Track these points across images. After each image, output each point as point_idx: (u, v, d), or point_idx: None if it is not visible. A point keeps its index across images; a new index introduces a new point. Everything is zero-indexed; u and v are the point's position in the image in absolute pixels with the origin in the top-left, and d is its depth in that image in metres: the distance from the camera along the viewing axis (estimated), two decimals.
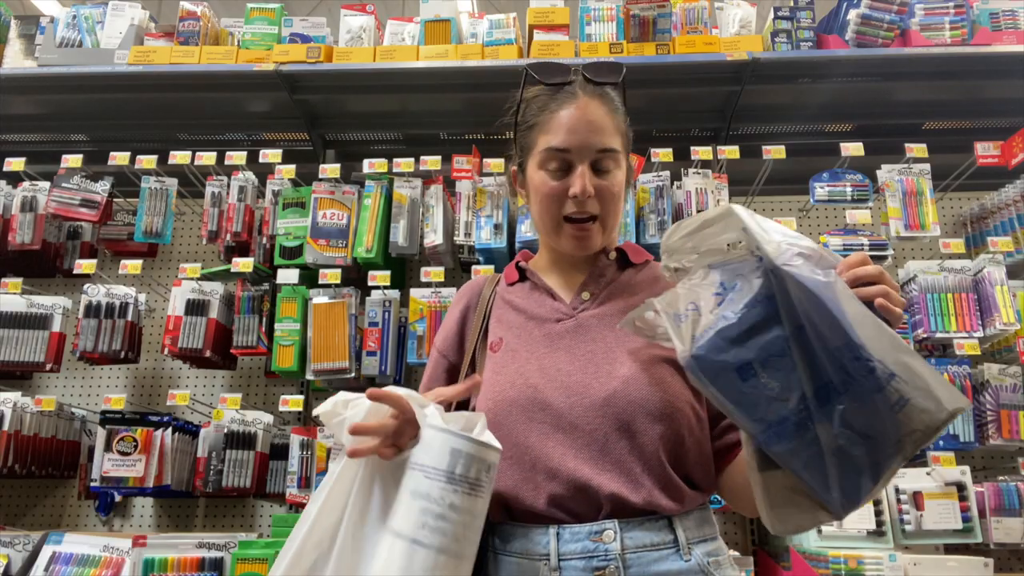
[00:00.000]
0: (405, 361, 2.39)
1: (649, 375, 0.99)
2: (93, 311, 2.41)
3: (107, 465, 2.26)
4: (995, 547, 2.17)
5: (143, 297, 2.50)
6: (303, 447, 2.32)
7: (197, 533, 2.24)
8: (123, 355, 2.41)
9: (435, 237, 2.43)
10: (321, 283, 2.37)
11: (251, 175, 2.58)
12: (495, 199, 2.45)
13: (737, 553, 2.37)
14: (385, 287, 2.37)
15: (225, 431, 2.36)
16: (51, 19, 2.75)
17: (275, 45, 2.64)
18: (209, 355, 2.40)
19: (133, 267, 2.39)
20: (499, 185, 2.47)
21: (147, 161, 2.50)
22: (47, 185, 2.56)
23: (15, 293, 2.43)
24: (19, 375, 2.66)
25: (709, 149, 2.49)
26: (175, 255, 2.85)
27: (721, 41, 2.54)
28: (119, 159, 2.49)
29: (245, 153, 2.50)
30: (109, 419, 2.30)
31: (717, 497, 1.10)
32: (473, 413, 0.87)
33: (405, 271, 2.75)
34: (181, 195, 2.63)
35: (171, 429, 2.33)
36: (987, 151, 2.42)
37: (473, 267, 2.42)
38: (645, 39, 2.57)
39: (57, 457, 2.47)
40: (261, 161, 2.52)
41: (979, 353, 2.24)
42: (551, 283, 1.12)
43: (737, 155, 2.43)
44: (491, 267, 2.38)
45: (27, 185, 2.58)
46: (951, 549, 2.16)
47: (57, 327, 2.44)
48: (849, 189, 2.41)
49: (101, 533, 2.37)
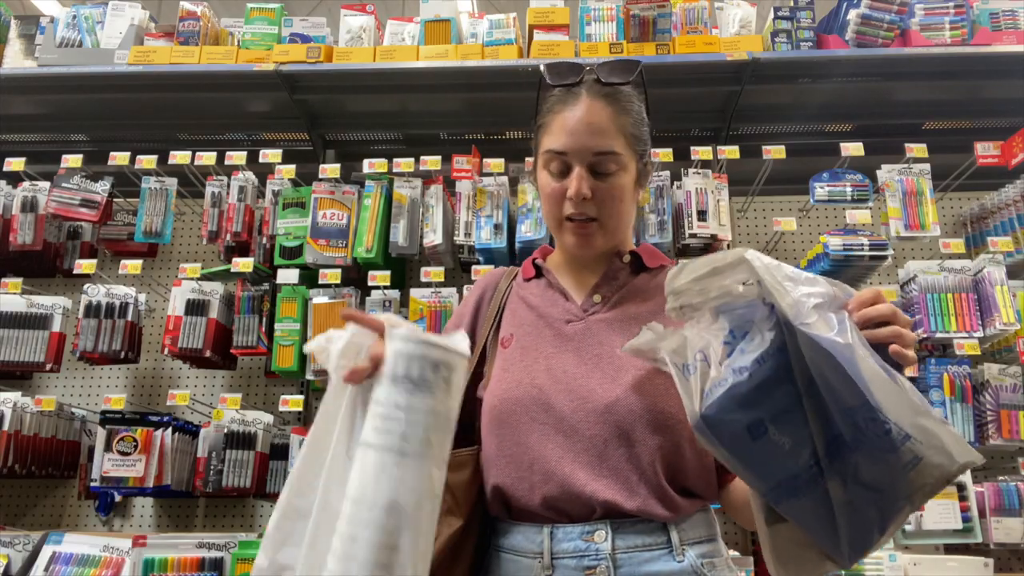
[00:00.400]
0: None
1: (653, 385, 0.98)
2: (93, 311, 2.41)
3: (107, 465, 2.26)
4: (995, 547, 2.17)
5: (143, 297, 2.50)
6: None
7: (197, 533, 2.24)
8: (123, 355, 2.41)
9: (435, 237, 2.43)
10: (321, 283, 2.37)
11: (251, 175, 2.58)
12: (495, 199, 2.45)
13: (737, 553, 2.37)
14: (385, 287, 2.37)
15: (225, 431, 2.36)
16: (51, 19, 2.75)
17: (275, 45, 2.64)
18: (209, 355, 2.40)
19: (133, 267, 2.39)
20: (499, 185, 2.47)
21: (147, 161, 2.50)
22: (47, 185, 2.56)
23: (15, 293, 2.43)
24: (19, 375, 2.66)
25: (709, 149, 2.49)
26: (175, 255, 2.85)
27: (721, 41, 2.54)
28: (119, 159, 2.49)
29: (245, 153, 2.50)
30: (109, 419, 2.30)
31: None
32: (457, 333, 0.85)
33: (405, 271, 2.75)
34: (181, 195, 2.63)
35: (171, 429, 2.33)
36: (987, 151, 2.42)
37: (473, 267, 2.42)
38: (645, 39, 2.57)
39: (57, 457, 2.47)
40: (261, 161, 2.52)
41: (979, 353, 2.24)
42: (565, 283, 1.12)
43: (737, 155, 2.43)
44: (491, 267, 2.38)
45: (27, 185, 2.58)
46: (951, 549, 2.16)
47: (57, 327, 2.44)
48: (849, 189, 2.41)
49: (101, 533, 2.37)
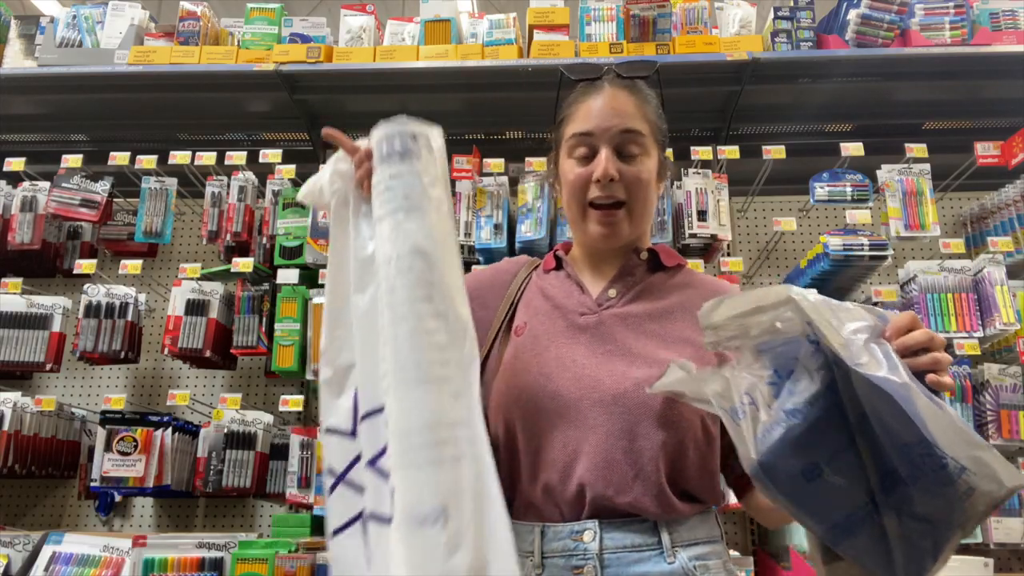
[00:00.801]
0: None
1: None
2: (93, 311, 2.41)
3: (107, 465, 2.26)
4: (995, 547, 2.17)
5: (143, 297, 2.50)
6: (303, 447, 2.32)
7: (197, 533, 2.24)
8: (123, 355, 2.41)
9: None
10: (321, 283, 2.37)
11: (251, 175, 2.58)
12: (495, 199, 2.45)
13: (737, 553, 2.37)
14: None
15: (225, 431, 2.36)
16: (51, 19, 2.75)
17: (275, 45, 2.64)
18: (209, 355, 2.40)
19: (133, 267, 2.39)
20: (499, 185, 2.47)
21: (147, 161, 2.50)
22: (47, 185, 2.56)
23: (15, 293, 2.43)
24: (19, 375, 2.66)
25: (709, 149, 2.50)
26: (175, 255, 2.85)
27: (721, 41, 2.54)
28: (119, 159, 2.49)
29: (245, 153, 2.50)
30: (109, 419, 2.30)
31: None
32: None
33: None
34: (181, 195, 2.63)
35: (171, 429, 2.33)
36: (987, 151, 2.42)
37: (473, 267, 2.42)
38: (645, 39, 2.57)
39: (57, 457, 2.47)
40: (261, 161, 2.52)
41: (979, 353, 2.24)
42: (583, 276, 1.12)
43: (737, 155, 2.43)
44: None
45: (27, 185, 2.58)
46: None
47: (57, 327, 2.44)
48: (849, 189, 2.41)
49: (101, 533, 2.37)
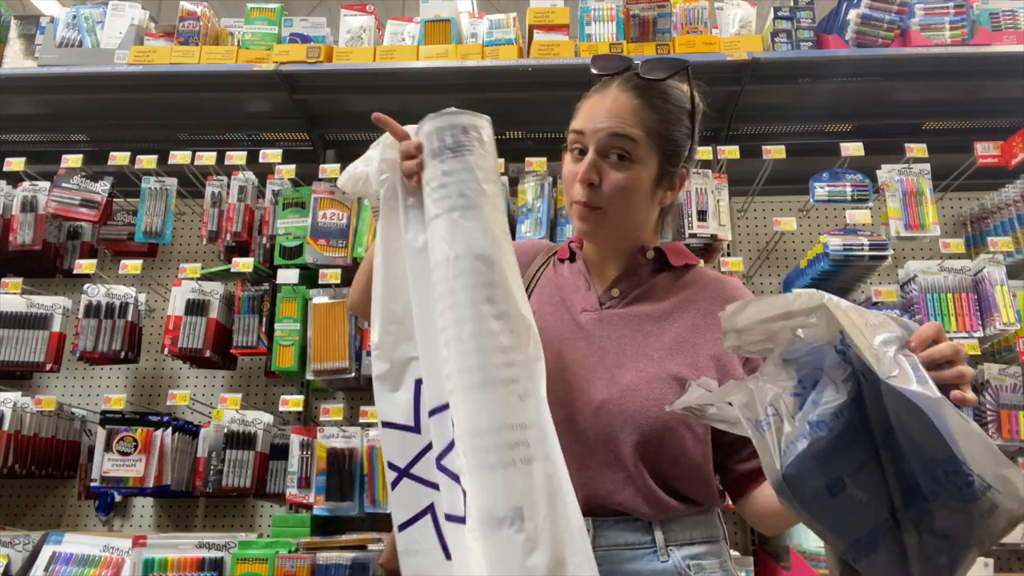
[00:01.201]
0: None
1: (649, 389, 0.98)
2: (93, 311, 2.41)
3: (107, 465, 2.26)
4: (995, 547, 2.17)
5: (143, 297, 2.50)
6: (303, 447, 2.32)
7: (197, 533, 2.24)
8: (123, 355, 2.41)
9: None
10: (321, 283, 2.37)
11: (251, 175, 2.58)
12: None
13: (737, 553, 2.36)
14: None
15: (225, 431, 2.36)
16: (51, 19, 2.75)
17: (275, 45, 2.64)
18: (209, 355, 2.40)
19: (133, 267, 2.39)
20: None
21: (147, 161, 2.50)
22: (47, 185, 2.56)
23: (15, 293, 2.43)
24: (19, 375, 2.66)
25: (709, 149, 2.49)
26: (175, 255, 2.85)
27: (721, 41, 2.54)
28: (119, 159, 2.49)
29: (245, 153, 2.50)
30: (109, 419, 2.30)
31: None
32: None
33: None
34: (181, 195, 2.63)
35: (171, 429, 2.33)
36: (987, 151, 2.42)
37: None
38: (645, 39, 2.57)
39: (57, 457, 2.47)
40: (261, 161, 2.52)
41: (979, 353, 2.24)
42: (592, 271, 1.12)
43: (737, 155, 2.43)
44: None
45: (27, 185, 2.58)
46: None
47: (57, 327, 2.44)
48: (849, 189, 2.41)
49: (101, 533, 2.37)
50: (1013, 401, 2.23)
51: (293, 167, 2.52)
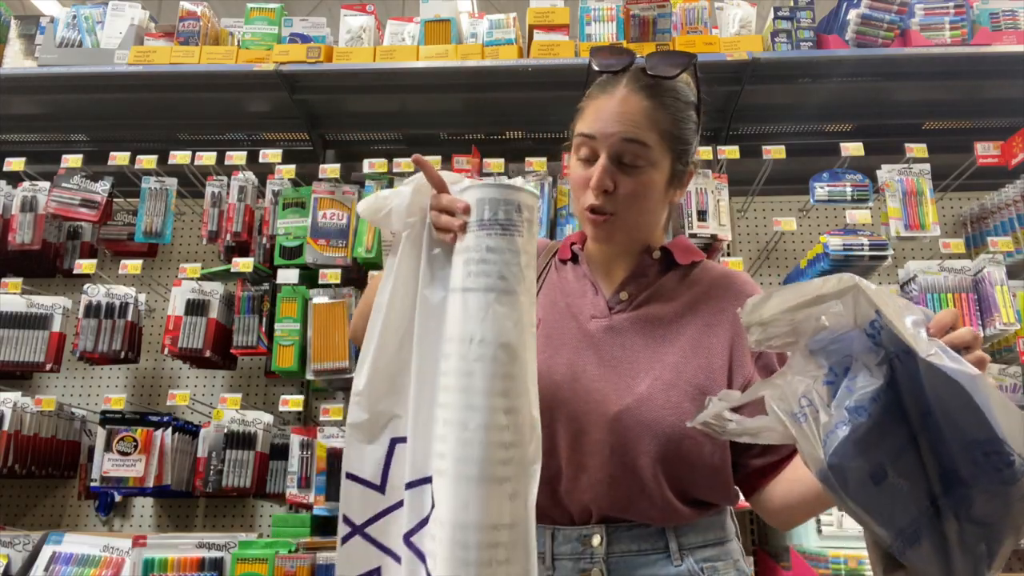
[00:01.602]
0: None
1: (666, 397, 0.96)
2: (93, 311, 2.41)
3: (107, 465, 2.26)
4: None
5: (143, 297, 2.50)
6: (303, 447, 2.32)
7: (197, 533, 2.24)
8: (123, 355, 2.41)
9: None
10: (321, 283, 2.37)
11: (251, 175, 2.58)
12: None
13: None
14: None
15: (225, 431, 2.36)
16: (51, 19, 2.75)
17: (275, 45, 2.64)
18: (209, 355, 2.40)
19: (133, 267, 2.39)
20: None
21: (147, 161, 2.50)
22: (47, 185, 2.56)
23: (15, 293, 2.43)
24: (19, 375, 2.66)
25: (709, 149, 2.49)
26: (175, 255, 2.85)
27: (721, 41, 2.54)
28: (119, 159, 2.49)
29: (245, 153, 2.50)
30: (109, 419, 2.30)
31: None
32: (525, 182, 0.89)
33: None
34: (181, 195, 2.63)
35: (171, 429, 2.33)
36: (987, 151, 2.42)
37: None
38: (645, 39, 2.57)
39: (57, 457, 2.47)
40: (261, 161, 2.52)
41: None
42: (597, 274, 1.09)
43: (737, 155, 2.43)
44: None
45: (27, 185, 2.58)
46: None
47: (57, 327, 2.44)
48: (849, 189, 2.41)
49: (101, 533, 2.37)
50: (1013, 401, 2.23)
51: (293, 167, 2.52)
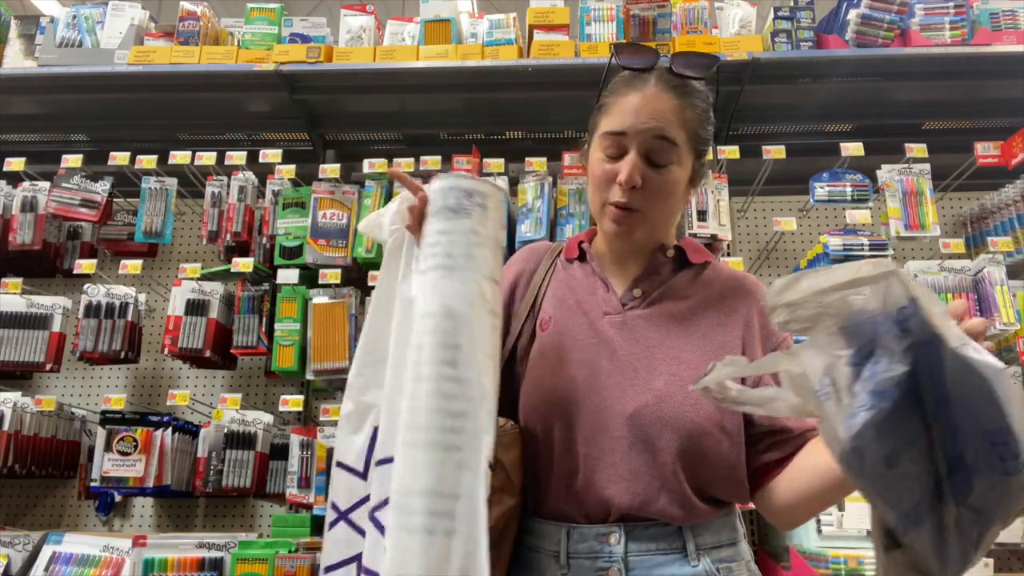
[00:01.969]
0: None
1: (684, 393, 0.97)
2: (93, 311, 2.41)
3: (107, 465, 2.26)
4: (995, 547, 2.17)
5: (143, 297, 2.50)
6: (303, 447, 2.32)
7: (197, 533, 2.24)
8: (123, 355, 2.41)
9: None
10: (321, 283, 2.37)
11: (251, 175, 2.58)
12: None
13: None
14: None
15: (225, 431, 2.36)
16: (51, 19, 2.75)
17: (275, 45, 2.64)
18: (209, 355, 2.40)
19: (133, 267, 2.39)
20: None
21: (147, 161, 2.50)
22: (47, 185, 2.56)
23: (15, 293, 2.43)
24: (19, 375, 2.66)
25: (709, 149, 2.49)
26: (175, 255, 2.85)
27: (721, 41, 2.54)
28: (119, 159, 2.49)
29: (245, 153, 2.50)
30: (109, 419, 2.30)
31: None
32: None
33: None
34: (181, 195, 2.63)
35: (171, 429, 2.33)
36: (987, 151, 2.42)
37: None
38: (645, 39, 2.57)
39: (57, 457, 2.47)
40: (261, 161, 2.52)
41: None
42: (607, 271, 1.09)
43: (737, 155, 2.43)
44: None
45: (27, 185, 2.58)
46: None
47: (57, 327, 2.44)
48: (849, 189, 2.41)
49: (101, 533, 2.37)
50: None
51: (293, 167, 2.52)
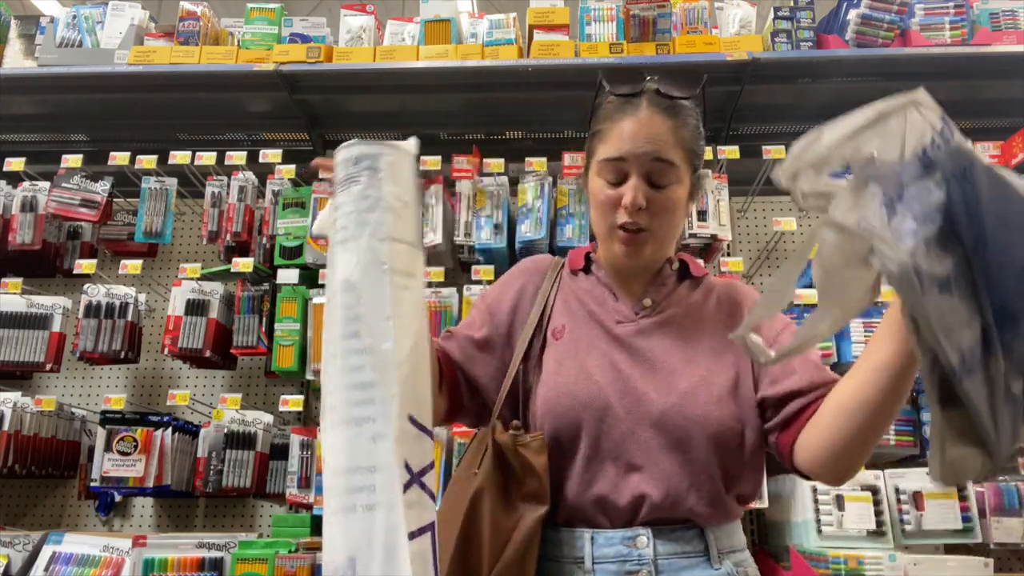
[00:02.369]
0: None
1: (708, 391, 1.00)
2: (93, 311, 2.41)
3: (107, 465, 2.26)
4: (995, 547, 2.17)
5: (143, 297, 2.50)
6: (303, 447, 2.32)
7: (197, 533, 2.24)
8: (123, 355, 2.41)
9: (435, 237, 2.43)
10: (321, 283, 2.36)
11: (251, 175, 2.58)
12: (495, 199, 2.45)
13: None
14: None
15: (225, 431, 2.36)
16: (51, 19, 2.75)
17: (275, 45, 2.64)
18: (209, 355, 2.40)
19: (133, 267, 2.39)
20: (499, 185, 2.47)
21: (147, 161, 2.50)
22: (47, 185, 2.56)
23: (15, 293, 2.43)
24: (19, 375, 2.66)
25: (709, 149, 2.48)
26: (175, 255, 2.85)
27: (721, 41, 2.54)
28: (119, 159, 2.48)
29: (245, 153, 2.49)
30: (109, 419, 2.30)
31: None
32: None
33: None
34: (181, 195, 2.63)
35: (171, 429, 2.33)
36: (987, 151, 2.42)
37: (473, 267, 2.42)
38: (645, 39, 2.57)
39: (57, 457, 2.47)
40: (261, 161, 2.52)
41: None
42: (614, 282, 1.12)
43: (737, 155, 2.43)
44: (491, 267, 2.37)
45: (27, 185, 2.58)
46: (951, 549, 2.16)
47: (57, 327, 2.44)
48: None
49: (101, 533, 2.37)
50: None
51: (293, 167, 2.52)
